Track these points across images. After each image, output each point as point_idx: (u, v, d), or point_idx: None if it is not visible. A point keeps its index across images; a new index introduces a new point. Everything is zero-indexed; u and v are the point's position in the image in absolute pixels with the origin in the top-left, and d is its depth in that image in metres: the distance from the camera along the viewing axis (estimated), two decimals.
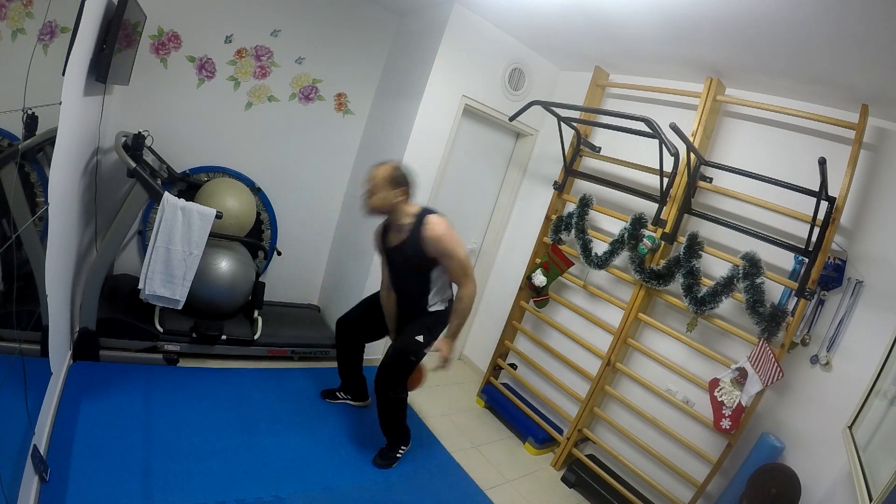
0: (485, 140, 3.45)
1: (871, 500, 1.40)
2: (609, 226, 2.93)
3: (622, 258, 2.69)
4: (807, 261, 2.10)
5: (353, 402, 2.74)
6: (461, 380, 3.58)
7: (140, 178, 2.17)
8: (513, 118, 2.92)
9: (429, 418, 2.89)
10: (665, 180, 2.48)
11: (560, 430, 2.97)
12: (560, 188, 3.08)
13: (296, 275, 3.55)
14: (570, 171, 3.06)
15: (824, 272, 2.09)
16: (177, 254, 2.27)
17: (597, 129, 3.07)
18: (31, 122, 1.30)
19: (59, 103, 1.47)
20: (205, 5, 2.70)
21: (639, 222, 2.61)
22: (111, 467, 1.80)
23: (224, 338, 2.72)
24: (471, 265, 2.19)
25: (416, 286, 2.28)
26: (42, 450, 1.66)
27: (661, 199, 2.53)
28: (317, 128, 3.30)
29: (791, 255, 2.22)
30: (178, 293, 2.32)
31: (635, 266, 2.58)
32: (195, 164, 2.96)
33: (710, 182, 2.55)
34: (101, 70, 1.88)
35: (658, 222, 2.56)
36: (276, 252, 3.28)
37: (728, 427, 2.19)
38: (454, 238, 2.13)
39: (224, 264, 2.73)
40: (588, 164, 3.15)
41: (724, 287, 2.28)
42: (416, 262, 2.18)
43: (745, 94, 2.51)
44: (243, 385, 2.62)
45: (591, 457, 2.78)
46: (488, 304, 3.75)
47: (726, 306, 2.35)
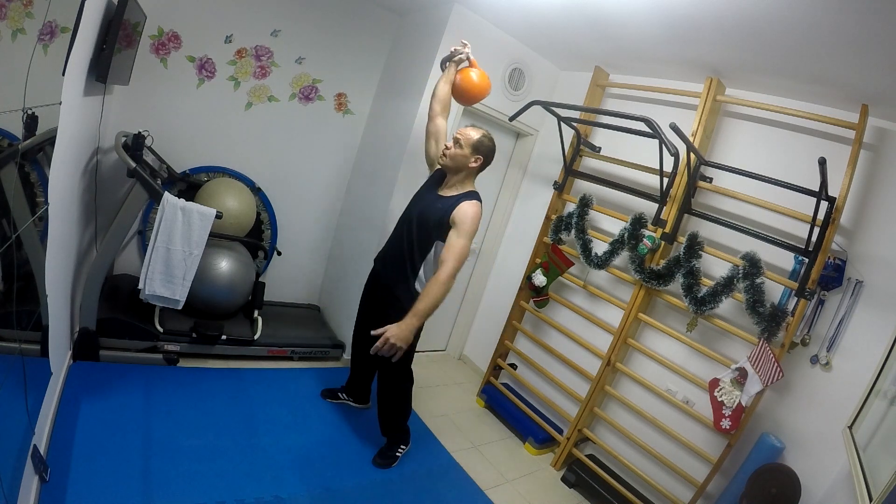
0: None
1: (871, 500, 1.40)
2: (609, 226, 2.93)
3: (622, 258, 2.70)
4: (807, 261, 2.10)
5: (353, 404, 2.74)
6: (461, 380, 3.58)
7: (140, 178, 2.17)
8: (513, 118, 2.92)
9: (429, 418, 2.89)
10: (665, 180, 2.48)
11: (560, 430, 2.97)
12: (560, 188, 3.08)
13: (296, 275, 3.55)
14: (570, 171, 3.06)
15: (824, 272, 2.09)
16: (177, 254, 2.27)
17: (597, 129, 3.07)
18: (31, 122, 1.29)
19: (59, 103, 1.46)
20: (205, 5, 2.70)
21: (639, 222, 2.61)
22: (111, 467, 1.80)
23: (224, 338, 2.72)
24: (463, 259, 2.07)
25: (415, 250, 2.19)
26: (42, 450, 1.66)
27: (661, 199, 2.53)
28: (317, 128, 3.30)
29: (791, 255, 2.22)
30: (178, 293, 2.32)
31: (635, 266, 2.58)
32: (195, 164, 2.96)
33: (710, 182, 2.55)
34: (101, 70, 1.88)
35: (658, 222, 2.56)
36: (276, 252, 3.28)
37: (728, 427, 2.19)
38: (475, 223, 2.09)
39: (224, 264, 2.73)
40: (588, 164, 3.15)
41: (724, 287, 2.28)
42: (436, 221, 2.12)
43: (745, 94, 2.51)
44: (243, 385, 2.62)
45: (591, 457, 2.78)
46: (488, 304, 3.75)
47: (726, 306, 2.35)
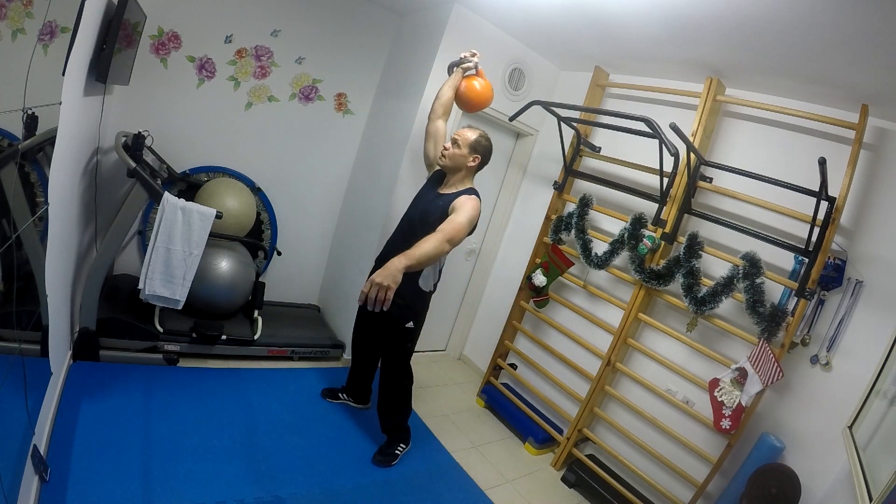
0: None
1: (871, 500, 1.40)
2: (609, 226, 2.93)
3: (622, 258, 2.70)
4: (807, 261, 2.10)
5: (353, 404, 2.74)
6: (461, 380, 3.58)
7: (140, 178, 2.18)
8: (513, 118, 2.92)
9: (429, 418, 2.89)
10: (665, 180, 2.48)
11: (560, 430, 2.97)
12: (560, 188, 3.08)
13: (296, 275, 3.55)
14: (570, 171, 3.06)
15: (824, 272, 2.09)
16: (177, 254, 2.27)
17: (597, 129, 3.07)
18: (31, 122, 1.29)
19: (59, 103, 1.46)
20: (205, 5, 2.70)
21: (639, 222, 2.61)
22: (111, 467, 1.80)
23: (224, 338, 2.72)
24: (458, 234, 2.00)
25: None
26: (42, 450, 1.66)
27: (661, 199, 2.53)
28: (317, 128, 3.30)
29: (791, 255, 2.22)
30: (178, 293, 2.32)
31: (635, 266, 2.58)
32: (195, 164, 2.96)
33: (710, 182, 2.55)
34: (101, 70, 1.88)
35: (658, 222, 2.56)
36: (276, 252, 3.28)
37: (728, 427, 2.19)
38: (474, 210, 2.10)
39: (224, 264, 2.73)
40: (588, 164, 3.15)
41: (724, 287, 2.28)
42: (437, 217, 2.12)
43: (745, 94, 2.51)
44: (243, 385, 2.62)
45: (591, 457, 2.78)
46: (488, 304, 3.75)
47: (726, 306, 2.35)
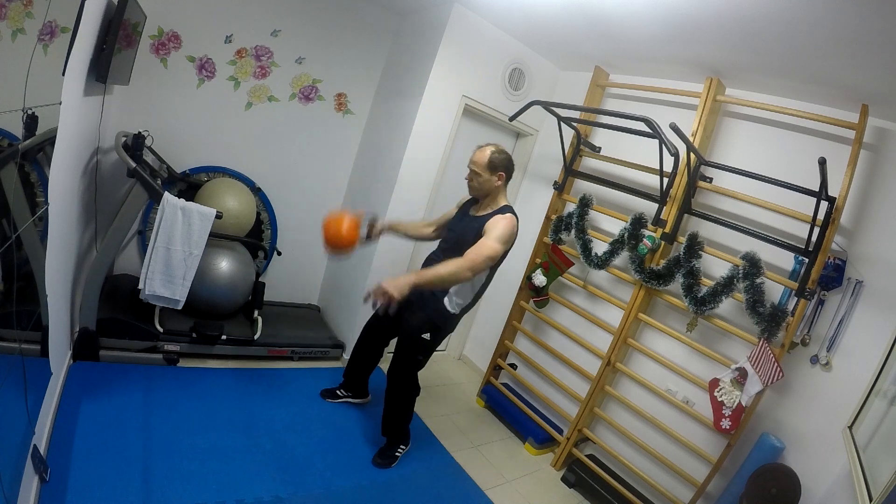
0: (485, 140, 3.42)
1: (871, 500, 1.40)
2: (609, 226, 2.93)
3: (622, 258, 2.70)
4: (807, 261, 2.10)
5: (353, 400, 2.74)
6: (461, 380, 3.58)
7: (140, 178, 2.17)
8: (513, 118, 2.92)
9: (429, 418, 2.89)
10: (665, 180, 2.48)
11: (560, 430, 2.97)
12: (560, 188, 3.08)
13: (296, 275, 3.55)
14: (570, 171, 3.06)
15: (824, 272, 2.09)
16: (177, 254, 2.27)
17: (597, 129, 3.07)
18: (31, 122, 1.29)
19: (59, 103, 1.46)
20: (205, 5, 2.70)
21: (639, 222, 2.61)
22: (111, 467, 1.80)
23: (224, 338, 2.72)
24: (487, 258, 2.01)
25: None
26: (42, 450, 1.66)
27: (661, 199, 2.53)
28: (317, 128, 3.30)
29: (791, 255, 2.22)
30: (178, 293, 2.32)
31: (635, 266, 2.58)
32: (195, 164, 2.96)
33: (710, 182, 2.55)
34: (101, 70, 1.88)
35: (658, 222, 2.56)
36: (276, 252, 3.28)
37: (728, 427, 2.19)
38: (507, 229, 2.08)
39: (224, 264, 2.73)
40: (588, 164, 3.15)
41: (724, 287, 2.28)
42: (472, 238, 2.11)
43: (745, 94, 2.51)
44: (243, 385, 2.62)
45: (591, 457, 2.78)
46: (488, 305, 3.74)
47: (726, 306, 2.35)
